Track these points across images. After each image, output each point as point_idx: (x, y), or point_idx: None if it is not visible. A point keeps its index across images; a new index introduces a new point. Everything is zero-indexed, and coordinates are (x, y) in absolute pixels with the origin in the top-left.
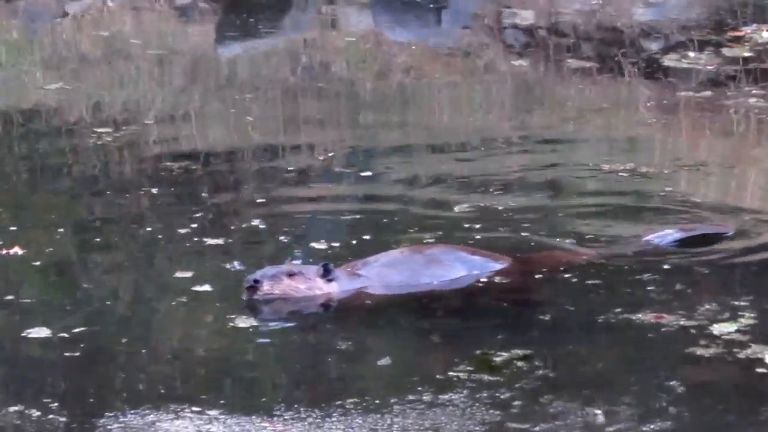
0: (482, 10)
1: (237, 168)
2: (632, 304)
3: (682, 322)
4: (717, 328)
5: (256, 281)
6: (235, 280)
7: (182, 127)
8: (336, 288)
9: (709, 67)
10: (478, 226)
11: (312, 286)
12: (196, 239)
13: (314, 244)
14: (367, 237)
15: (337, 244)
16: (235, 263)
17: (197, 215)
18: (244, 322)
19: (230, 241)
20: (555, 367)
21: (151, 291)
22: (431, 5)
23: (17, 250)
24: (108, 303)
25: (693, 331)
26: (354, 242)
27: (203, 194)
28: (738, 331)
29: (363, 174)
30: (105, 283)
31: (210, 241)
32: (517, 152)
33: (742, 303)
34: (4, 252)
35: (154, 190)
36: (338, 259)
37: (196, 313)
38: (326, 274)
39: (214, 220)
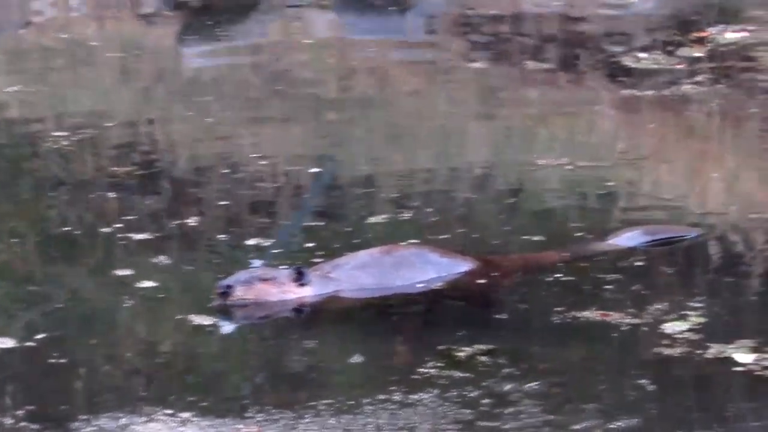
0: (446, 12)
1: (192, 170)
2: (589, 303)
3: (634, 321)
4: (669, 327)
5: (228, 286)
6: (177, 277)
7: (141, 130)
8: (309, 292)
9: (678, 67)
10: (443, 228)
11: (285, 290)
12: (135, 237)
13: (252, 242)
14: (322, 242)
15: (275, 248)
16: (161, 257)
17: (142, 216)
18: (204, 320)
19: (168, 238)
20: (519, 365)
21: (100, 292)
22: (391, 7)
23: None
24: (60, 306)
25: (645, 329)
26: (307, 246)
27: (149, 196)
28: (690, 330)
29: (323, 176)
30: (53, 286)
31: (142, 238)
32: (479, 155)
33: (694, 303)
34: None
35: (104, 194)
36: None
37: (151, 311)
38: (299, 278)
39: (159, 221)
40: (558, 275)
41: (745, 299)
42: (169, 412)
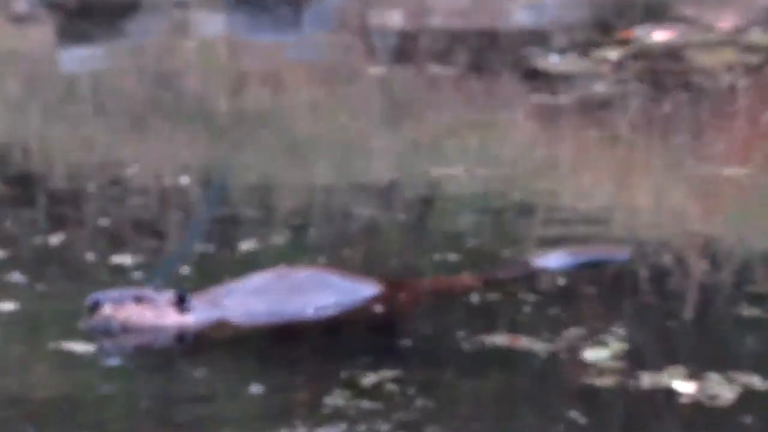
0: (347, 11)
1: (68, 186)
2: (504, 329)
3: (553, 348)
4: (589, 354)
5: (96, 302)
6: (52, 301)
7: (14, 143)
8: (191, 319)
9: (599, 69)
10: (345, 248)
11: (161, 315)
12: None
13: (135, 263)
14: (210, 265)
15: (159, 270)
16: (32, 279)
17: (12, 235)
18: (83, 348)
19: (40, 259)
20: (430, 395)
21: None
22: (287, 4)
23: None
24: None
25: (565, 356)
26: (194, 268)
27: (22, 214)
28: (613, 357)
29: (211, 192)
30: None
31: (10, 257)
32: (384, 168)
33: (615, 329)
34: None
35: None
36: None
37: (20, 336)
38: (180, 303)
39: (30, 239)
40: (472, 299)
41: (671, 323)
42: None
